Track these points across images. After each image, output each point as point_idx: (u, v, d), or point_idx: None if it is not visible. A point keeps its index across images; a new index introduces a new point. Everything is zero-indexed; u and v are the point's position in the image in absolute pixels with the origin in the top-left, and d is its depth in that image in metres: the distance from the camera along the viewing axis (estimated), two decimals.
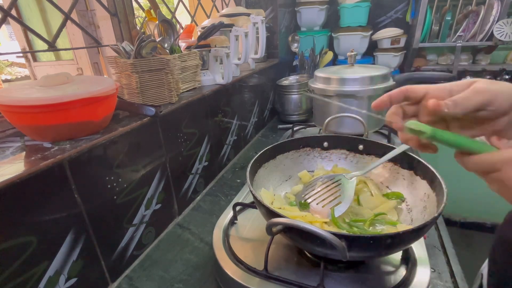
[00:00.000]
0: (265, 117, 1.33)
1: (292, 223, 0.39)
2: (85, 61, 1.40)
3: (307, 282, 0.46)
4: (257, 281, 0.48)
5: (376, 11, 1.72)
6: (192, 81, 0.84)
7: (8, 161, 0.43)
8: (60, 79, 0.50)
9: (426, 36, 1.54)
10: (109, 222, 0.54)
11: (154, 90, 0.68)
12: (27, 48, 1.58)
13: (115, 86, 0.54)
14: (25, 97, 0.45)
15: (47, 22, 1.54)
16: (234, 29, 0.95)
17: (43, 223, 0.42)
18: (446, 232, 0.62)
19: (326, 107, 0.98)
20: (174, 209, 0.73)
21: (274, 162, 0.66)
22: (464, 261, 0.53)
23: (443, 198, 0.44)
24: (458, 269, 0.53)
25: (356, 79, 0.90)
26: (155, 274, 0.58)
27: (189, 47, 0.85)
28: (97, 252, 0.51)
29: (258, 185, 0.59)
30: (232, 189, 0.86)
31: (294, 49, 1.56)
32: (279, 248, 0.54)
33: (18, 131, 0.54)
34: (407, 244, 0.45)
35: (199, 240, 0.67)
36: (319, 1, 1.61)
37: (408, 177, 0.58)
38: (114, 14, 0.75)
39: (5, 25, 0.69)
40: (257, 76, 1.18)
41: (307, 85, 1.07)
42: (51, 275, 0.43)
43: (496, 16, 1.38)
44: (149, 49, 0.64)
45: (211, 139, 0.86)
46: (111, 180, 0.53)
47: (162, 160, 0.66)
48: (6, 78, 2.87)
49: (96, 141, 0.49)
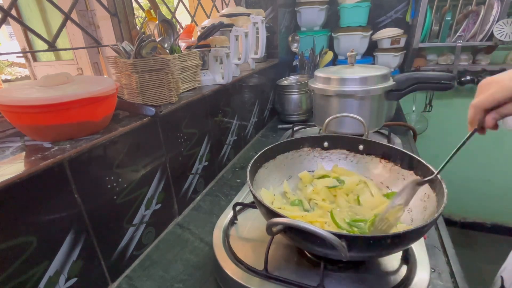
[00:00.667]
0: (265, 117, 1.33)
1: (292, 223, 0.39)
2: (85, 61, 1.40)
3: (307, 282, 0.46)
4: (257, 281, 0.48)
5: (376, 11, 1.72)
6: (192, 81, 0.84)
7: (8, 161, 0.43)
8: (60, 79, 0.50)
9: (426, 36, 1.54)
10: (109, 222, 0.54)
11: (154, 90, 0.68)
12: (27, 48, 1.58)
13: (115, 86, 0.54)
14: (25, 97, 0.45)
15: (47, 22, 1.54)
16: (234, 29, 0.95)
17: (43, 223, 0.42)
18: (446, 232, 0.62)
19: (326, 107, 0.98)
20: (174, 209, 0.73)
21: (274, 162, 0.66)
22: (464, 261, 0.53)
23: (443, 199, 0.44)
24: (458, 269, 0.53)
25: (356, 79, 0.90)
26: (155, 274, 0.58)
27: (189, 47, 0.85)
28: (97, 252, 0.51)
29: (258, 185, 0.59)
30: (232, 189, 0.86)
31: (294, 49, 1.56)
32: (279, 248, 0.54)
33: (18, 131, 0.54)
34: (407, 244, 0.45)
35: (199, 240, 0.67)
36: (319, 1, 1.61)
37: (408, 177, 0.58)
38: (114, 14, 0.75)
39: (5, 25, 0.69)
40: (257, 76, 1.18)
41: (307, 85, 1.07)
42: (51, 275, 0.43)
43: (496, 16, 1.38)
44: (149, 49, 0.64)
45: (211, 139, 0.86)
46: (111, 180, 0.53)
47: (162, 160, 0.66)
48: (6, 78, 2.87)
49: (96, 141, 0.49)
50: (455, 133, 1.82)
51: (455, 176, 1.93)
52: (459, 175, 1.91)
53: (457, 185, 1.93)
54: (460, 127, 1.79)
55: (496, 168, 1.81)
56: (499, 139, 1.75)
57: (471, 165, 1.86)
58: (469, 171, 1.88)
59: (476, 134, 0.46)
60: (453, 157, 0.47)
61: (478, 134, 0.45)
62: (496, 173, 1.82)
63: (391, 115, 1.17)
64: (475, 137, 0.45)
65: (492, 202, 1.89)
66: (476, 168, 1.86)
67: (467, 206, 1.97)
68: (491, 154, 1.79)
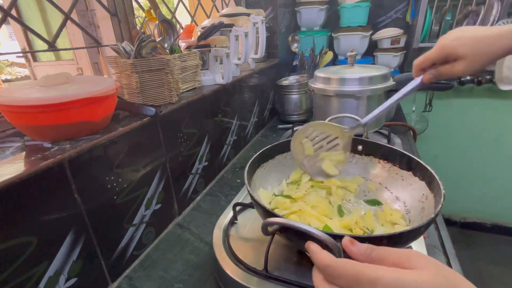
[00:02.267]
0: (265, 117, 1.33)
1: (288, 223, 0.39)
2: (85, 61, 1.40)
3: (307, 282, 0.46)
4: (257, 281, 0.48)
5: (376, 11, 1.71)
6: (192, 81, 0.84)
7: (8, 161, 0.43)
8: (60, 79, 0.50)
9: (426, 36, 1.53)
10: (109, 222, 0.54)
11: (154, 90, 0.68)
12: (27, 48, 1.57)
13: (115, 86, 0.54)
14: (25, 97, 0.45)
15: (47, 22, 1.53)
16: (234, 29, 0.95)
17: (43, 223, 0.42)
18: (446, 232, 0.62)
19: (326, 107, 0.98)
20: (174, 209, 0.73)
21: (273, 162, 0.65)
22: (464, 261, 0.53)
23: (440, 199, 0.44)
24: (458, 269, 0.53)
25: (356, 79, 0.90)
26: (155, 274, 0.58)
27: (189, 47, 0.85)
28: (97, 252, 0.51)
29: (257, 185, 0.59)
30: (232, 189, 0.86)
31: (294, 49, 1.56)
32: (279, 248, 0.54)
33: (18, 131, 0.54)
34: (404, 244, 0.45)
35: (199, 240, 0.67)
36: (319, 1, 1.61)
37: (406, 178, 0.58)
38: (114, 14, 0.75)
39: (5, 25, 0.69)
40: (257, 76, 1.18)
41: (307, 85, 1.07)
42: (51, 275, 0.43)
43: (496, 16, 1.38)
44: (149, 49, 0.64)
45: (211, 139, 0.86)
46: (111, 180, 0.53)
47: (162, 160, 0.66)
48: (6, 78, 2.86)
49: (96, 141, 0.49)
50: (455, 133, 1.82)
51: (455, 176, 1.93)
52: (459, 175, 1.91)
53: (457, 185, 1.93)
54: (460, 127, 1.80)
55: (496, 168, 1.81)
56: (499, 139, 1.75)
57: (471, 165, 1.86)
58: (469, 171, 1.88)
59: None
60: (388, 108, 0.52)
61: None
62: (496, 173, 1.82)
63: (391, 115, 1.17)
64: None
65: (492, 202, 1.89)
66: (476, 168, 1.86)
67: (467, 206, 1.97)
68: (491, 154, 1.79)
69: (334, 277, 0.27)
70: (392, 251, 0.26)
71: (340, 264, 0.26)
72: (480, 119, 1.75)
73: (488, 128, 1.74)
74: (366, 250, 0.28)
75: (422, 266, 0.24)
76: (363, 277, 0.24)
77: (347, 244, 0.29)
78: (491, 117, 1.72)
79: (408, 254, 0.25)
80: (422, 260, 0.24)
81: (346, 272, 0.25)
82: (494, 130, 1.74)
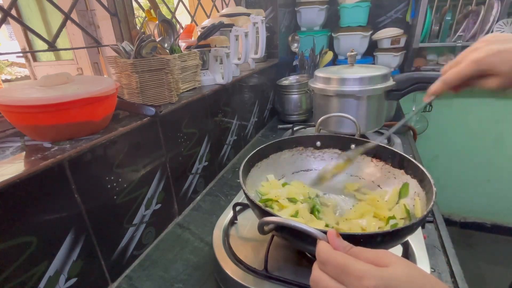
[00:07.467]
0: (265, 117, 1.33)
1: (283, 221, 0.38)
2: (85, 61, 1.40)
3: (307, 282, 0.46)
4: (257, 281, 0.48)
5: (376, 11, 1.72)
6: (192, 81, 0.84)
7: (8, 161, 0.43)
8: (60, 79, 0.50)
9: (426, 36, 1.54)
10: (109, 222, 0.54)
11: (154, 90, 0.68)
12: (27, 48, 1.58)
13: (115, 86, 0.54)
14: (25, 97, 0.45)
15: (47, 22, 1.53)
16: (234, 29, 0.95)
17: (43, 223, 0.42)
18: (446, 232, 0.62)
19: (326, 107, 0.98)
20: (174, 209, 0.73)
21: (267, 161, 0.65)
22: (464, 261, 0.53)
23: (432, 197, 0.44)
24: (458, 269, 0.53)
25: (356, 79, 0.90)
26: (155, 274, 0.58)
27: (189, 47, 0.85)
28: (97, 252, 0.51)
29: (251, 185, 0.59)
30: (232, 189, 0.86)
31: (294, 49, 1.56)
32: (279, 248, 0.54)
33: (18, 131, 0.54)
34: (398, 241, 0.45)
35: (199, 240, 0.67)
36: (319, 1, 1.61)
37: (399, 176, 0.59)
38: (114, 14, 0.75)
39: (5, 25, 0.69)
40: (257, 76, 1.18)
41: (307, 85, 1.07)
42: (51, 275, 0.43)
43: (496, 16, 1.38)
44: (149, 49, 0.64)
45: (211, 139, 0.86)
46: (111, 180, 0.53)
47: (162, 160, 0.66)
48: (6, 78, 2.86)
49: (96, 141, 0.49)
50: (455, 133, 1.82)
51: (455, 176, 1.93)
52: (459, 175, 1.91)
53: (457, 185, 1.93)
54: (460, 127, 1.80)
55: (496, 168, 1.81)
56: (499, 139, 1.75)
57: (471, 165, 1.86)
58: (469, 171, 1.88)
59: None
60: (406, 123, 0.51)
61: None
62: (496, 173, 1.82)
63: (391, 115, 1.17)
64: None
65: (492, 202, 1.89)
66: (476, 168, 1.86)
67: (467, 206, 1.97)
68: (491, 154, 1.79)
69: (325, 264, 0.30)
70: (368, 250, 0.29)
71: (333, 253, 0.30)
72: (480, 119, 1.74)
73: (488, 128, 1.74)
74: (346, 247, 0.31)
75: (395, 262, 0.27)
76: (351, 269, 0.27)
77: (333, 236, 0.32)
78: (491, 117, 1.72)
79: (383, 253, 0.28)
80: (394, 257, 0.28)
81: (337, 260, 0.29)
82: (494, 130, 1.74)
